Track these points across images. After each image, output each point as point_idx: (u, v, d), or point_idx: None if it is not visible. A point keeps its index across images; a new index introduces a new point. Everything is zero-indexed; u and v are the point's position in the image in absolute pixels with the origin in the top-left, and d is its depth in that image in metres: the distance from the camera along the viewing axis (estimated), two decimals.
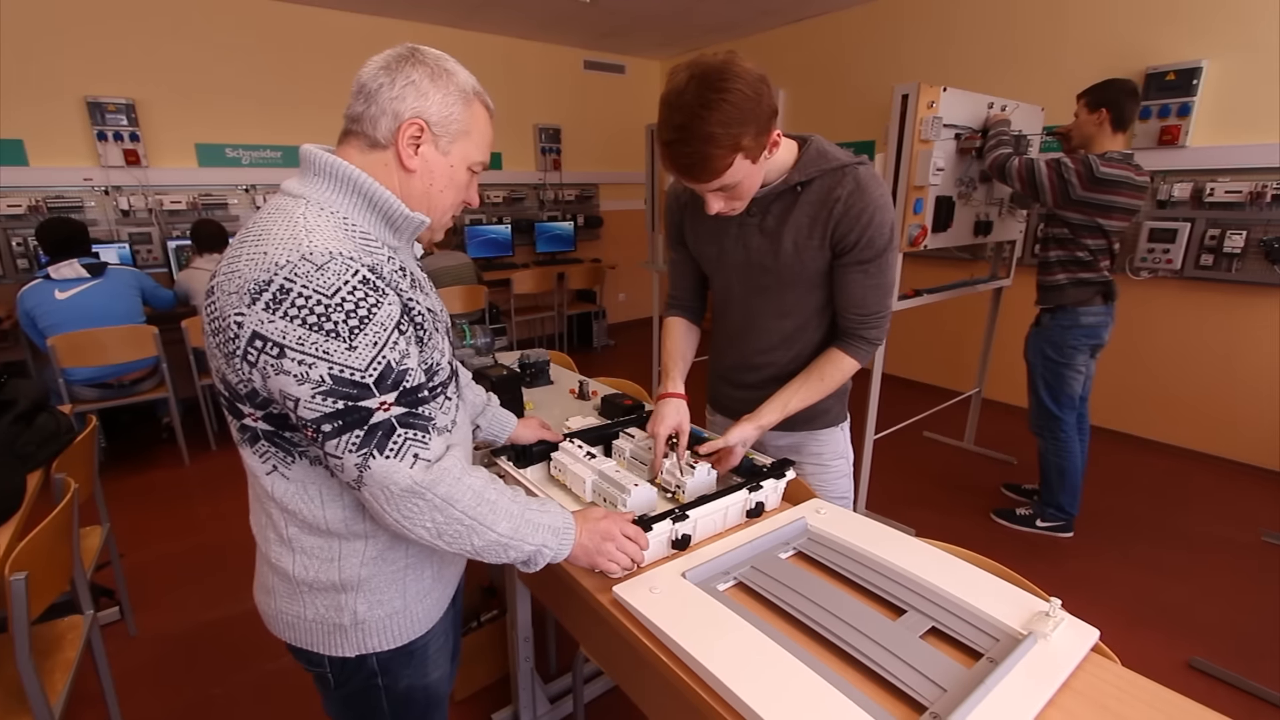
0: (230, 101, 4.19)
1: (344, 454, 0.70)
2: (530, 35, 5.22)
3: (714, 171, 0.98)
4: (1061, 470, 2.52)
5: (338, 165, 0.75)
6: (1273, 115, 2.88)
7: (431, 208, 0.83)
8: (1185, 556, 2.45)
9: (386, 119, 0.76)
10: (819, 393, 1.22)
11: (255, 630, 2.08)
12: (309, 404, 0.68)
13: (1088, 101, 2.30)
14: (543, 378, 1.90)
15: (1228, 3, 2.94)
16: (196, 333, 3.29)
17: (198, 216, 4.06)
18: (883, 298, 1.19)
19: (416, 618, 0.89)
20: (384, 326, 0.70)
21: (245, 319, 0.67)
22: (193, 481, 3.18)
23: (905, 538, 1.02)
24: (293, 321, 0.66)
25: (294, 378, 0.67)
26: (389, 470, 0.71)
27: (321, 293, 0.67)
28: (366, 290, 0.69)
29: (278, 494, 0.79)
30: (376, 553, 0.83)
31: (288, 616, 0.85)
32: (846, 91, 4.67)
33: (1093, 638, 0.80)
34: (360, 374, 0.69)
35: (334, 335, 0.67)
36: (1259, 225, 2.92)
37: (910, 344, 4.45)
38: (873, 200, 1.10)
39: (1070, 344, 2.40)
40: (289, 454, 0.77)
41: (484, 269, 4.79)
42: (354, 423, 0.69)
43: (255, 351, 0.68)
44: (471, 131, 0.82)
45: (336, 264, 0.68)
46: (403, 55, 0.77)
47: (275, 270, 0.66)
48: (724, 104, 0.92)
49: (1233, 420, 3.19)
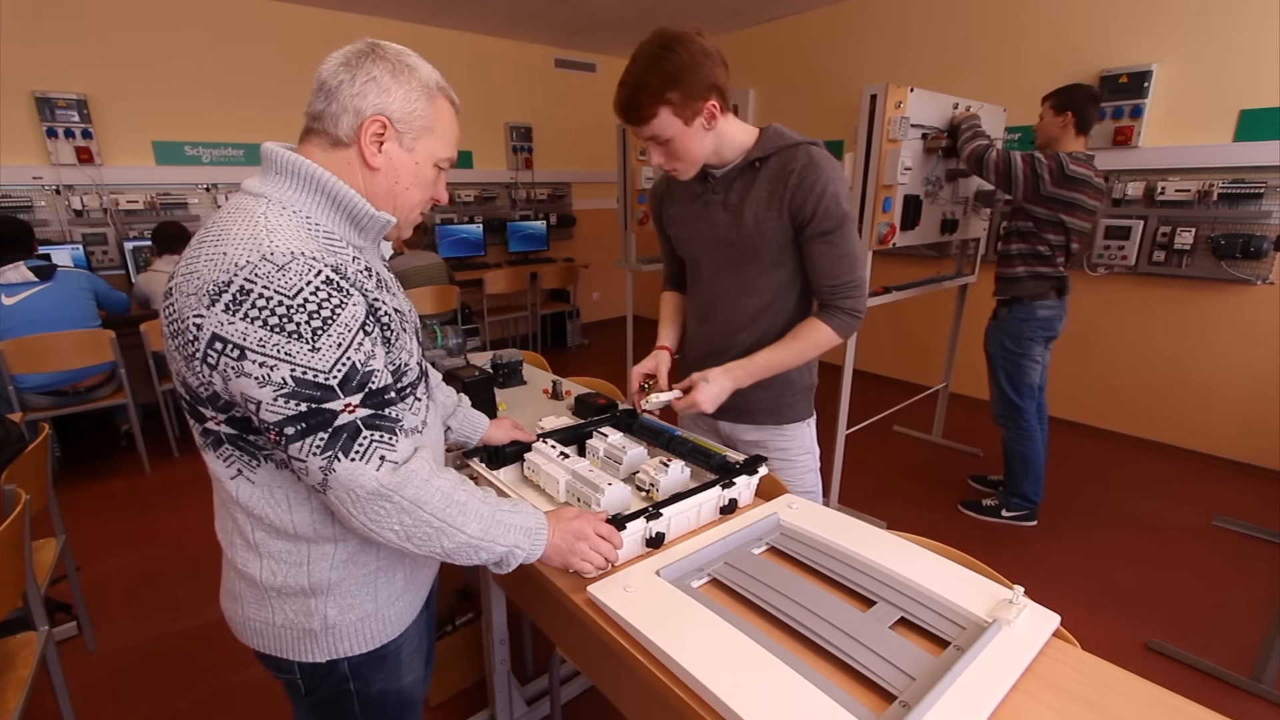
0: (189, 98, 4.06)
1: (308, 457, 0.69)
2: (499, 32, 5.17)
3: (640, 117, 1.11)
4: (1025, 458, 2.59)
5: (300, 163, 0.74)
6: (1218, 117, 3.01)
7: (397, 206, 0.82)
8: (1141, 542, 2.55)
9: (348, 116, 0.75)
10: (791, 353, 1.25)
11: (221, 641, 2.03)
12: (271, 407, 0.67)
13: (1053, 104, 2.38)
14: (516, 378, 1.88)
15: (1175, 9, 3.06)
16: (156, 336, 3.19)
17: (156, 216, 3.94)
18: (851, 267, 1.23)
19: (389, 621, 0.88)
20: (348, 327, 0.69)
21: (204, 320, 0.66)
22: (154, 490, 3.08)
23: (875, 531, 1.04)
24: (253, 323, 0.65)
25: (255, 380, 0.66)
26: (354, 473, 0.70)
27: (283, 293, 0.65)
28: (330, 291, 0.68)
29: (243, 499, 0.77)
30: (346, 556, 0.82)
31: (256, 623, 0.84)
32: (815, 92, 4.73)
33: (1054, 623, 0.83)
34: (324, 376, 0.68)
35: (296, 336, 0.66)
36: (1206, 223, 3.05)
37: (880, 340, 4.54)
38: (825, 173, 1.17)
39: (1027, 335, 2.49)
40: (254, 458, 0.76)
41: (455, 269, 4.74)
42: (318, 425, 0.68)
43: (215, 354, 0.66)
44: (436, 127, 0.81)
45: (298, 264, 0.67)
46: (363, 51, 0.76)
47: (235, 271, 0.65)
48: (664, 61, 1.07)
49: (1185, 410, 3.32)
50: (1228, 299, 3.09)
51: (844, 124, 4.45)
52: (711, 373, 1.24)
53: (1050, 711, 0.71)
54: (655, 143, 1.16)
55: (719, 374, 1.23)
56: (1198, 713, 0.70)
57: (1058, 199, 2.29)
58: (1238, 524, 2.64)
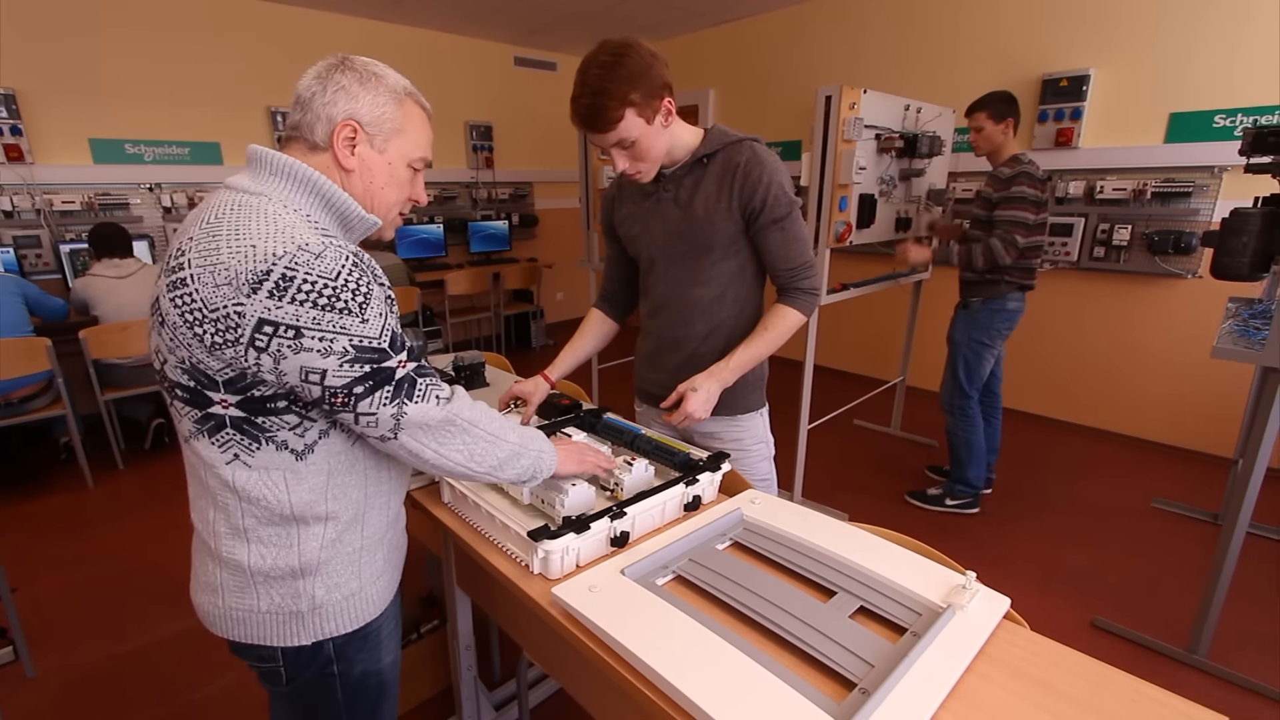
0: (130, 94, 3.88)
1: (379, 409, 0.78)
2: (457, 29, 5.09)
3: (608, 121, 1.14)
4: (969, 444, 2.67)
5: (296, 166, 0.80)
6: (1150, 120, 3.17)
7: (375, 205, 0.88)
8: (1086, 525, 2.67)
9: (322, 124, 0.81)
10: (767, 344, 1.31)
11: (173, 660, 1.96)
12: (337, 373, 0.75)
13: (992, 114, 2.46)
14: (479, 380, 1.86)
15: (1109, 17, 3.21)
16: (97, 343, 3.04)
17: (95, 217, 3.75)
18: (804, 249, 1.31)
19: (372, 599, 0.92)
20: (381, 300, 0.78)
21: (246, 308, 0.71)
22: (97, 505, 2.94)
23: (835, 523, 1.06)
24: (303, 305, 0.72)
25: (317, 353, 0.74)
26: (423, 411, 0.82)
27: (325, 277, 0.73)
28: (360, 272, 0.76)
29: (239, 483, 0.80)
30: (335, 535, 0.86)
31: (238, 612, 0.85)
32: (773, 93, 4.80)
33: (1004, 606, 0.86)
34: (376, 341, 0.77)
35: (347, 312, 0.74)
36: (1142, 220, 3.21)
37: (839, 336, 4.63)
38: (768, 165, 1.25)
39: (996, 327, 2.57)
40: (254, 440, 0.79)
41: (416, 270, 4.65)
42: (382, 380, 0.78)
43: (265, 337, 0.72)
44: (406, 129, 0.86)
45: (332, 250, 0.74)
46: (333, 64, 0.82)
47: (273, 260, 0.71)
48: (619, 65, 1.11)
49: (1123, 398, 3.49)
50: (1161, 292, 3.26)
51: (801, 124, 4.54)
52: (698, 380, 1.28)
53: (1002, 691, 0.74)
54: (620, 147, 1.20)
55: (705, 379, 1.28)
56: (1138, 685, 0.74)
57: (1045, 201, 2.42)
58: (1174, 505, 2.79)
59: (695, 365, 1.34)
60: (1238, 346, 1.72)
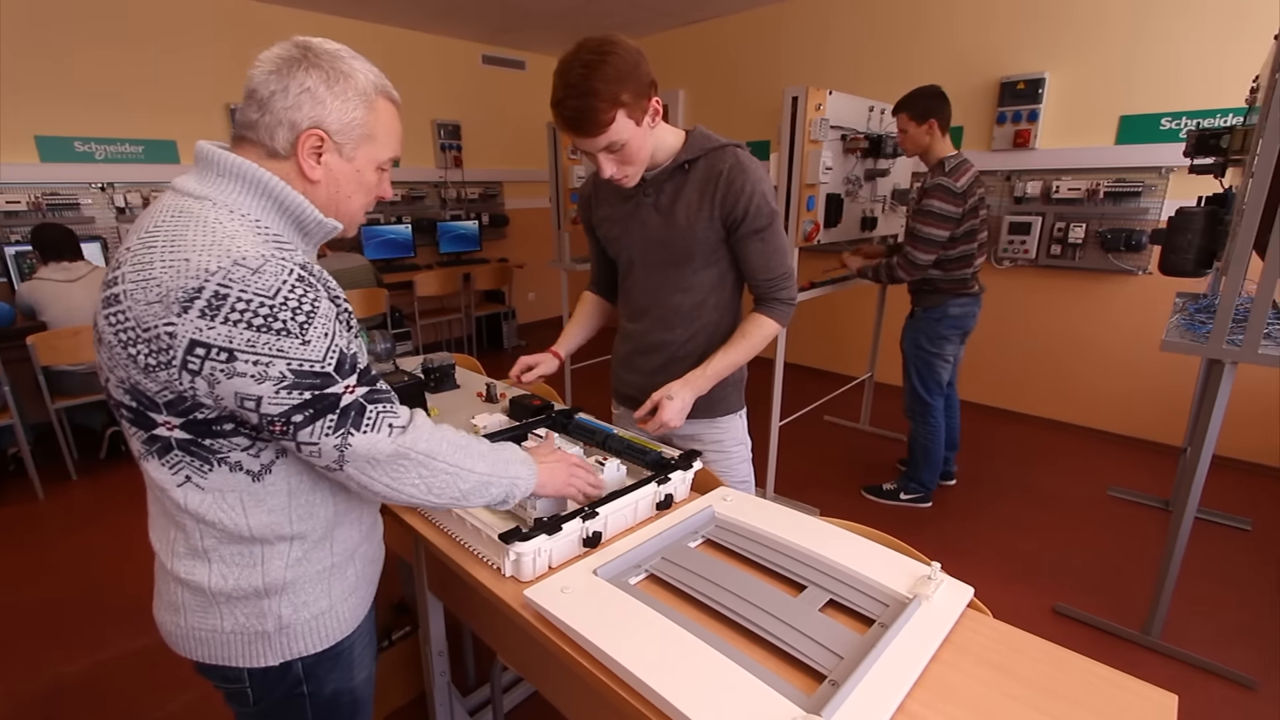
0: (78, 90, 3.73)
1: (320, 439, 0.72)
2: (423, 27, 5.01)
3: (599, 124, 1.09)
4: (928, 451, 2.71)
5: (246, 166, 0.73)
6: (1102, 122, 3.28)
7: (341, 213, 0.83)
8: (1046, 514, 2.75)
9: (283, 130, 0.74)
10: (743, 351, 1.31)
11: (133, 677, 1.89)
12: (274, 400, 0.69)
13: (912, 114, 2.37)
14: (449, 382, 1.84)
15: (1062, 22, 3.32)
16: (46, 349, 2.92)
17: (43, 218, 3.60)
18: (784, 260, 1.30)
19: (343, 617, 0.88)
20: (328, 318, 0.73)
21: (177, 328, 0.66)
22: (49, 517, 2.82)
23: (805, 518, 1.07)
24: (236, 326, 0.66)
25: (251, 378, 0.68)
26: (371, 443, 0.75)
27: (263, 295, 0.67)
28: (305, 288, 0.71)
29: (192, 506, 0.76)
30: (302, 553, 0.82)
31: (201, 632, 0.82)
32: (741, 93, 4.84)
33: (968, 595, 0.88)
34: (319, 364, 0.71)
35: (285, 333, 0.68)
36: (1095, 218, 3.33)
37: (808, 333, 4.70)
38: (752, 174, 1.22)
39: (941, 334, 2.58)
40: (205, 462, 0.75)
41: (384, 271, 4.57)
42: (325, 409, 0.72)
43: (198, 359, 0.67)
44: (376, 133, 0.81)
45: (272, 265, 0.69)
46: (294, 58, 0.74)
47: (205, 277, 0.66)
48: (605, 64, 1.05)
49: (1079, 390, 3.61)
50: (1114, 288, 3.39)
51: (769, 125, 4.58)
52: (673, 388, 1.27)
53: (966, 678, 0.76)
54: (608, 151, 1.14)
55: (680, 387, 1.27)
56: (1095, 668, 0.77)
57: (967, 213, 2.35)
58: (1129, 493, 2.90)
59: (674, 368, 1.33)
60: (1184, 339, 1.80)
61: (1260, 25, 2.76)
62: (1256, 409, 3.03)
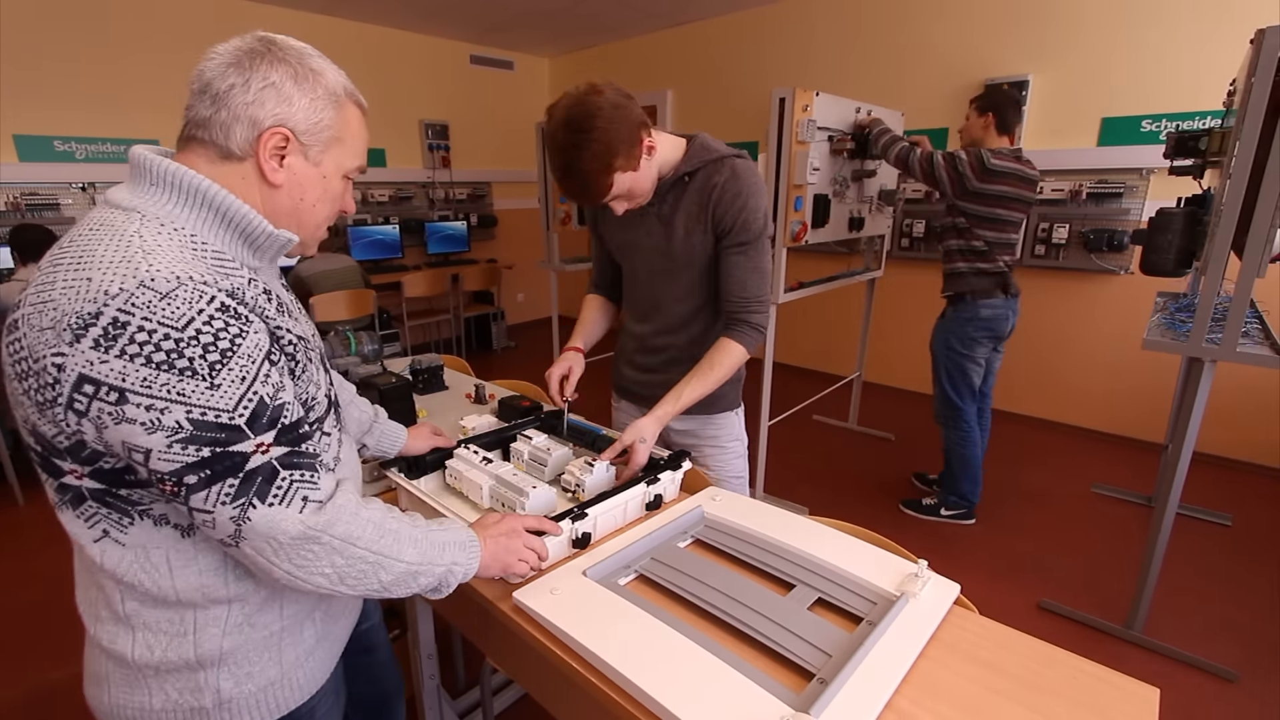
0: (57, 89, 3.67)
1: (215, 507, 0.61)
2: (410, 26, 4.98)
3: (598, 194, 1.13)
4: (964, 459, 2.60)
5: (182, 174, 0.64)
6: (1084, 124, 3.33)
7: (302, 224, 0.74)
8: (1032, 511, 2.79)
9: (241, 127, 0.66)
10: (712, 381, 1.28)
11: None
12: (164, 455, 0.59)
13: (978, 105, 2.44)
14: (437, 383, 1.83)
15: (1045, 26, 3.36)
16: None
17: (21, 219, 3.54)
18: (762, 281, 1.28)
19: (297, 684, 0.78)
20: (251, 358, 0.62)
21: (66, 360, 0.56)
22: (29, 524, 2.78)
23: (794, 517, 1.08)
24: (133, 361, 0.56)
25: (141, 426, 0.58)
26: (275, 519, 0.63)
27: (169, 325, 0.57)
28: (226, 319, 0.61)
29: (109, 564, 0.66)
30: (243, 618, 0.72)
31: (128, 710, 0.71)
32: (729, 94, 4.86)
33: (954, 592, 0.89)
34: (228, 415, 0.60)
35: (190, 374, 0.58)
36: (1078, 219, 3.37)
37: (797, 333, 4.72)
38: (746, 186, 1.21)
39: (971, 335, 2.49)
40: (125, 515, 0.66)
41: (371, 272, 4.54)
42: (225, 471, 0.61)
43: (85, 398, 0.57)
44: (344, 137, 0.73)
45: (186, 290, 0.59)
46: (256, 50, 0.67)
47: (105, 300, 0.56)
48: (591, 143, 1.06)
49: (1064, 389, 3.66)
50: (1096, 287, 3.43)
51: (757, 126, 4.60)
52: (645, 428, 1.19)
53: (953, 675, 0.77)
54: (615, 200, 1.17)
55: (650, 424, 1.21)
56: (1080, 663, 0.78)
57: (985, 194, 2.33)
58: (1113, 490, 2.94)
59: (678, 364, 1.34)
60: (1165, 338, 1.83)
61: (1237, 29, 2.81)
62: (1236, 406, 3.08)
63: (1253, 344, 1.74)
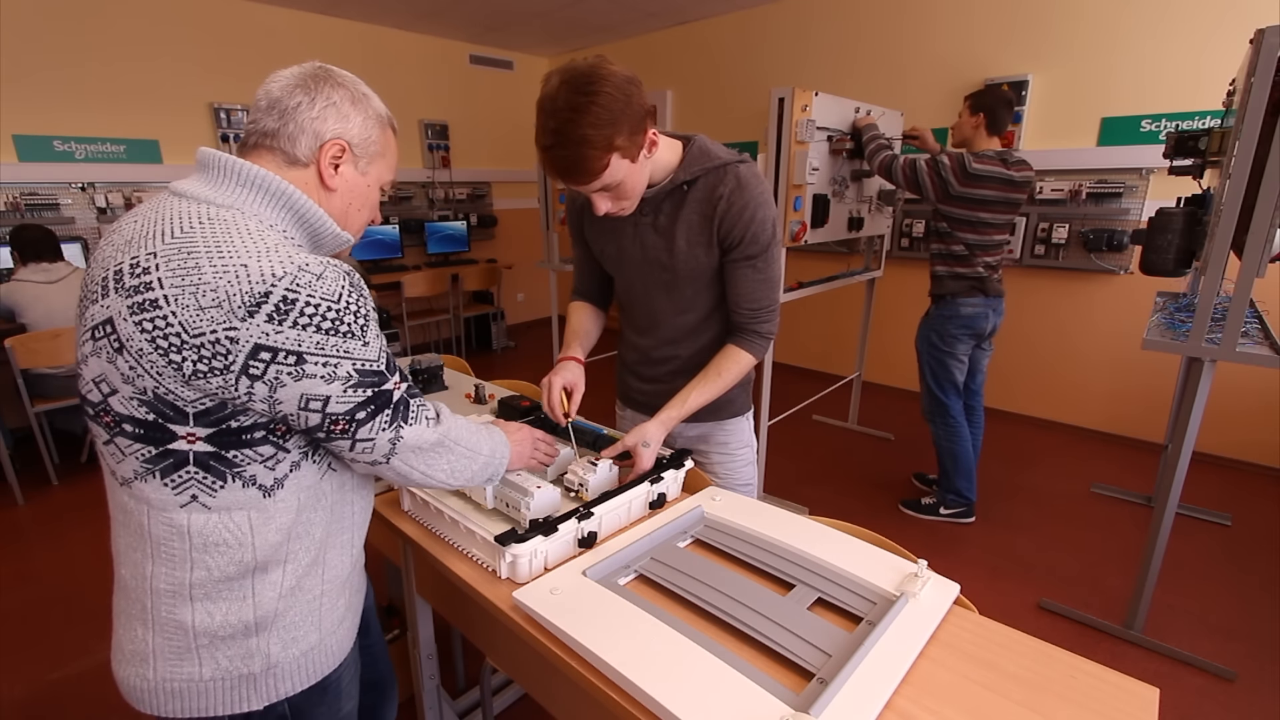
0: (57, 89, 3.67)
1: (378, 433, 0.77)
2: (408, 26, 4.99)
3: (591, 172, 1.01)
4: (954, 454, 2.62)
5: (270, 179, 0.75)
6: (1084, 124, 3.33)
7: (348, 225, 0.87)
8: (1032, 511, 2.79)
9: (307, 138, 0.78)
10: (718, 389, 1.25)
11: (114, 686, 1.86)
12: (341, 398, 0.73)
13: (970, 105, 2.42)
14: (436, 383, 1.83)
15: (1044, 26, 3.36)
16: (25, 353, 2.87)
17: (21, 218, 3.54)
18: (771, 291, 1.24)
19: (331, 650, 0.86)
20: (375, 321, 0.77)
21: (240, 333, 0.66)
22: (28, 523, 2.78)
23: (794, 517, 1.08)
24: (305, 330, 0.68)
25: (321, 379, 0.71)
26: (418, 433, 0.82)
27: (329, 300, 0.70)
28: (357, 293, 0.74)
29: (195, 528, 0.73)
30: (294, 581, 0.80)
31: (174, 683, 0.76)
32: (729, 94, 4.86)
33: (954, 592, 0.89)
34: (376, 364, 0.76)
35: (351, 335, 0.72)
36: (1078, 219, 3.37)
37: (797, 333, 4.72)
38: (753, 197, 1.14)
39: (951, 332, 2.52)
40: (219, 478, 0.73)
41: (371, 271, 4.55)
42: (383, 404, 0.77)
43: (261, 364, 0.68)
44: (386, 154, 0.87)
45: (332, 271, 0.72)
46: (318, 75, 0.79)
47: (272, 282, 0.67)
48: (594, 106, 0.95)
49: (1063, 389, 3.66)
50: (1096, 287, 3.43)
51: (756, 126, 4.60)
52: (649, 433, 1.19)
53: (952, 675, 0.77)
54: (604, 190, 1.07)
55: (655, 428, 1.19)
56: (1079, 662, 0.78)
57: (967, 198, 2.34)
58: (1112, 490, 2.94)
59: (684, 374, 1.29)
60: (1165, 338, 1.83)
61: (1237, 29, 2.82)
62: (1235, 406, 3.08)
63: (1252, 344, 1.74)
